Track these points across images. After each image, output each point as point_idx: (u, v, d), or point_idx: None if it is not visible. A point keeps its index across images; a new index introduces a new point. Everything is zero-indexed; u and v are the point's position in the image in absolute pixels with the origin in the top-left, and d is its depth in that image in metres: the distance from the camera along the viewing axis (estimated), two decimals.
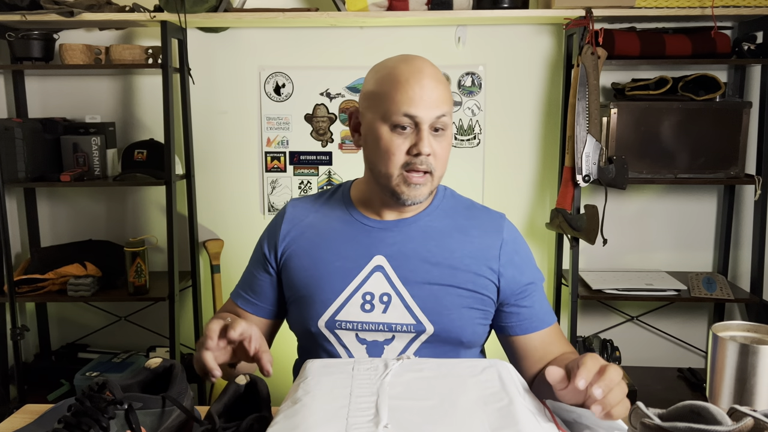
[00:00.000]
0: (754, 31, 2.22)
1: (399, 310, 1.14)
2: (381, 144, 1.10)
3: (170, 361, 0.95)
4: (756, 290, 2.28)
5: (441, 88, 1.10)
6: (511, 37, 2.39)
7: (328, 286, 1.16)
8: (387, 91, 1.10)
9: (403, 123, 1.08)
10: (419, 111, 1.07)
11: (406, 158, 1.10)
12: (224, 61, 2.43)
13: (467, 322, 1.15)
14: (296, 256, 1.20)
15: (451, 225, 1.19)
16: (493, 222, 1.21)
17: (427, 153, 1.09)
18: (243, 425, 0.84)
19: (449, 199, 1.24)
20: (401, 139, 1.09)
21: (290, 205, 1.27)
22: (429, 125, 1.09)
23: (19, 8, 2.15)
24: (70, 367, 2.39)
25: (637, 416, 0.71)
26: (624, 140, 2.19)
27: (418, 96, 1.07)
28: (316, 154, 2.48)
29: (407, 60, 1.13)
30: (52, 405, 1.10)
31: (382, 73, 1.12)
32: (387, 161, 1.11)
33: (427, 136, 1.09)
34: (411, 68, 1.10)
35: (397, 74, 1.10)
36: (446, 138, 1.12)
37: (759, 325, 1.01)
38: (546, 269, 2.54)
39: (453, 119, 1.25)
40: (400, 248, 1.16)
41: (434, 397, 0.85)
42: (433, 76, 1.10)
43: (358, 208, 1.22)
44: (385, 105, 1.09)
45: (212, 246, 2.48)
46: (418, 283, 1.14)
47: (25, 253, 2.52)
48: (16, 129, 2.17)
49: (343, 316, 1.15)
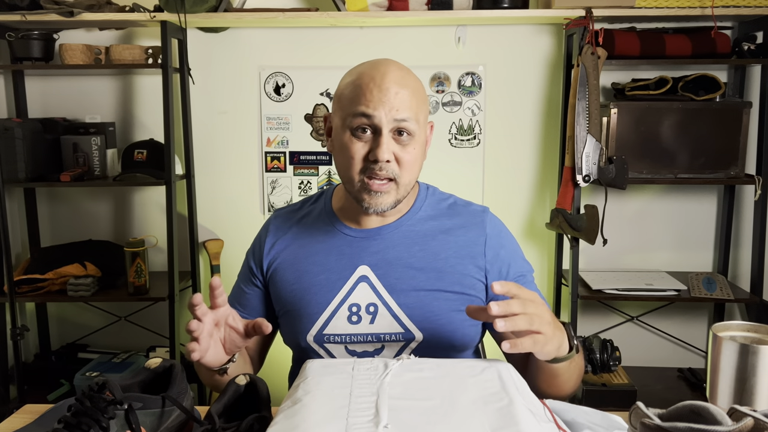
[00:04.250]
0: (754, 31, 2.22)
1: (386, 319, 1.13)
2: (343, 148, 1.08)
3: (170, 361, 0.95)
4: (756, 290, 2.28)
5: (405, 92, 1.05)
6: (511, 37, 2.39)
7: (313, 300, 1.15)
8: (350, 93, 1.07)
9: (360, 124, 1.05)
10: (376, 112, 1.04)
11: (364, 164, 1.07)
12: (224, 61, 2.43)
13: (457, 326, 1.14)
14: (281, 270, 1.19)
15: (434, 226, 1.17)
16: (475, 218, 1.19)
17: (385, 159, 1.04)
18: (243, 425, 0.84)
19: (430, 198, 1.22)
20: (360, 143, 1.06)
21: (273, 217, 1.26)
22: (390, 129, 1.05)
23: (19, 8, 2.15)
24: (70, 367, 2.39)
25: (637, 416, 0.71)
26: (624, 140, 2.19)
27: (377, 98, 1.04)
28: (316, 154, 2.48)
29: (375, 64, 1.09)
30: (52, 405, 1.10)
31: (349, 78, 1.10)
32: (348, 166, 1.08)
33: (387, 141, 1.05)
34: (374, 71, 1.06)
35: (360, 77, 1.07)
36: (414, 144, 1.08)
37: (759, 325, 1.01)
38: (546, 269, 2.54)
39: (434, 124, 1.20)
40: (383, 256, 1.15)
41: (434, 397, 0.85)
42: (398, 80, 1.06)
43: (339, 217, 1.19)
44: (347, 107, 1.07)
45: (212, 246, 2.48)
46: (404, 291, 1.13)
47: (25, 253, 2.52)
48: (16, 129, 2.17)
49: (331, 329, 1.14)
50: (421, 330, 1.13)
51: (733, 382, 0.94)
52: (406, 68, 1.11)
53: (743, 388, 0.93)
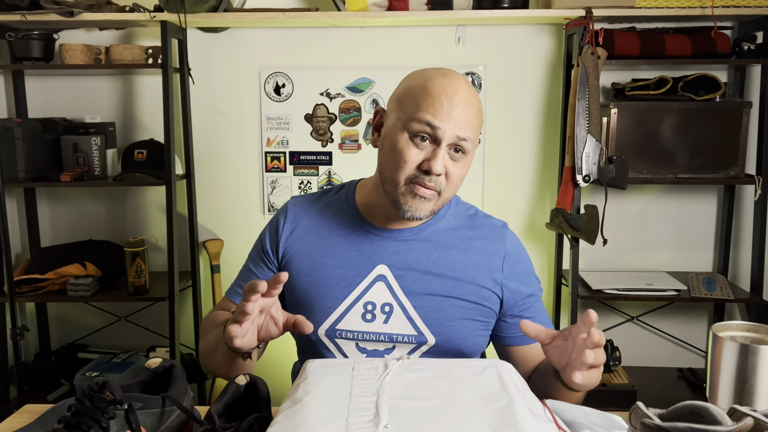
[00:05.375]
0: (754, 31, 2.22)
1: (401, 320, 1.13)
2: (396, 149, 1.07)
3: (170, 361, 0.95)
4: (756, 290, 2.28)
5: (471, 111, 1.06)
6: (511, 37, 2.39)
7: (329, 294, 1.15)
8: (416, 97, 1.06)
9: (423, 131, 1.05)
10: (442, 125, 1.03)
11: (415, 171, 1.06)
12: (224, 61, 2.43)
13: (469, 333, 1.15)
14: (297, 259, 1.18)
15: (455, 236, 1.18)
16: (495, 232, 1.20)
17: (438, 173, 1.05)
18: (243, 425, 0.84)
19: (454, 207, 1.22)
20: (417, 150, 1.06)
21: (291, 203, 1.24)
22: (449, 143, 1.05)
23: (19, 8, 2.15)
24: (70, 367, 2.39)
25: (637, 416, 0.71)
26: (624, 140, 2.19)
27: (446, 110, 1.04)
28: (316, 154, 2.48)
29: (446, 75, 1.08)
30: (52, 405, 1.10)
31: (417, 81, 1.09)
32: (397, 168, 1.07)
33: (444, 154, 1.05)
34: (446, 83, 1.06)
35: (432, 85, 1.06)
36: (464, 162, 1.08)
37: (759, 325, 1.01)
38: (546, 269, 2.54)
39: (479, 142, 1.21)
40: (403, 258, 1.15)
41: (434, 397, 0.85)
42: (467, 97, 1.06)
43: (362, 213, 1.19)
44: (410, 110, 1.06)
45: (212, 246, 2.48)
46: (420, 294, 1.14)
47: (25, 253, 2.52)
48: (16, 129, 2.17)
49: (344, 325, 1.14)
50: (434, 334, 1.13)
51: (733, 382, 0.94)
52: (472, 86, 1.11)
53: (743, 388, 0.93)
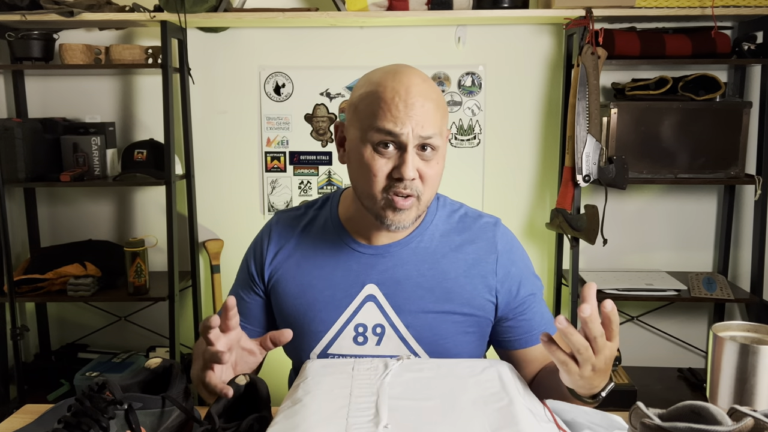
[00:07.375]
0: (754, 31, 2.22)
1: (393, 341, 1.10)
2: (363, 163, 1.01)
3: (170, 361, 0.95)
4: (756, 290, 2.28)
5: (429, 105, 1.00)
6: (511, 37, 2.39)
7: (317, 317, 1.11)
8: (370, 105, 1.00)
9: (384, 140, 0.99)
10: (403, 129, 0.98)
11: (388, 181, 1.01)
12: (224, 61, 2.43)
13: (463, 348, 1.12)
14: (284, 281, 1.14)
15: (444, 243, 1.13)
16: (486, 233, 1.14)
17: (411, 178, 0.99)
18: (243, 425, 0.84)
19: (442, 210, 1.16)
20: (384, 159, 1.00)
21: (274, 222, 1.20)
22: (415, 145, 0.99)
23: (19, 8, 2.15)
24: (70, 367, 2.39)
25: (637, 416, 0.71)
26: (624, 140, 2.19)
27: (403, 114, 0.98)
28: (316, 154, 2.48)
29: (396, 74, 1.01)
30: (52, 405, 1.10)
31: (368, 87, 1.02)
32: (369, 182, 1.02)
33: (412, 158, 0.99)
34: (397, 83, 0.99)
35: (382, 89, 0.99)
36: (437, 159, 1.03)
37: (759, 325, 1.00)
38: (546, 269, 2.54)
39: (450, 129, 1.16)
40: (392, 275, 1.10)
41: (434, 397, 0.85)
42: (422, 93, 1.00)
43: (347, 229, 1.14)
44: (368, 121, 1.00)
45: (212, 246, 2.48)
46: (412, 312, 1.10)
47: (25, 253, 2.52)
48: (16, 129, 2.17)
49: (336, 349, 1.11)
50: (428, 353, 1.10)
51: (733, 382, 0.94)
52: (426, 76, 1.04)
53: (743, 388, 0.93)
